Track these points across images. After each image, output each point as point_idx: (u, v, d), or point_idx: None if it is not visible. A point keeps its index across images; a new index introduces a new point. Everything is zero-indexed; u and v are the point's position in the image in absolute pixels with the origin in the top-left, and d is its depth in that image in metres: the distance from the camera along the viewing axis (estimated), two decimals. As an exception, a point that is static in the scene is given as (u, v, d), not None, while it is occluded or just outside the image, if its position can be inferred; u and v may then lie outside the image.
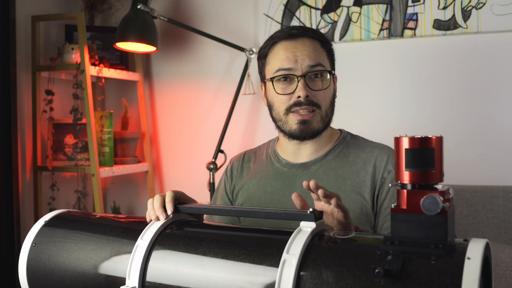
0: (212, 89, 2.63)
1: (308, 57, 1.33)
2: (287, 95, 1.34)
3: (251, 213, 1.03)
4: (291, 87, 1.34)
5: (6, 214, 2.23)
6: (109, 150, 2.44)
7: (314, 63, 1.33)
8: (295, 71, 1.33)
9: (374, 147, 1.38)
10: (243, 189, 1.45)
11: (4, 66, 2.23)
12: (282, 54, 1.35)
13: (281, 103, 1.36)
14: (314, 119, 1.34)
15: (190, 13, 2.64)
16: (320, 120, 1.35)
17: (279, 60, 1.35)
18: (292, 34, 1.36)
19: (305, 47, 1.34)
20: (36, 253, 1.08)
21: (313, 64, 1.33)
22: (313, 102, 1.33)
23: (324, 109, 1.35)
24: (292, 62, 1.33)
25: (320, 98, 1.34)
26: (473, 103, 2.21)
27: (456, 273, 0.73)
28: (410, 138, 0.80)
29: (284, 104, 1.35)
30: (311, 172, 1.37)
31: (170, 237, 0.99)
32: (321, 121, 1.35)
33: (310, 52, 1.34)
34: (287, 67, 1.34)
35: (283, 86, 1.35)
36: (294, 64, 1.33)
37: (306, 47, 1.35)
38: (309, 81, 1.33)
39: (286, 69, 1.34)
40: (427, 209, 0.77)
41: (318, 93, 1.34)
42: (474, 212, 1.99)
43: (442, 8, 2.23)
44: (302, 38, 1.36)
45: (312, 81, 1.34)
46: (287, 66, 1.34)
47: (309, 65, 1.33)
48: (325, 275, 0.81)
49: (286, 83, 1.35)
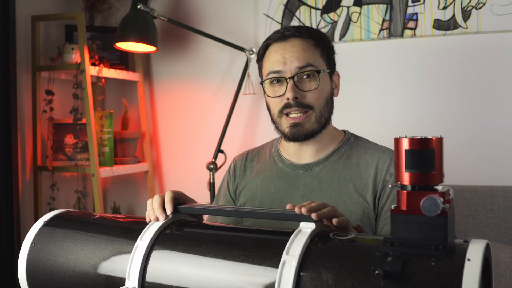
0: (212, 89, 2.63)
1: (296, 59, 1.32)
2: (278, 98, 1.34)
3: (251, 214, 1.03)
4: (281, 89, 1.34)
5: (6, 214, 2.23)
6: (109, 150, 2.44)
7: (303, 64, 1.32)
8: (284, 73, 1.33)
9: (377, 150, 1.38)
10: (246, 189, 1.45)
11: (4, 66, 2.23)
12: (273, 56, 1.35)
13: (274, 106, 1.36)
14: (307, 121, 1.33)
15: (190, 13, 2.64)
16: (315, 121, 1.34)
17: (270, 63, 1.36)
18: (284, 36, 1.36)
19: (294, 48, 1.34)
20: (35, 253, 1.08)
21: (302, 65, 1.32)
22: (303, 104, 1.32)
23: (318, 109, 1.34)
24: (281, 65, 1.33)
25: (311, 99, 1.32)
26: (473, 103, 2.21)
27: (456, 275, 0.73)
28: (410, 139, 0.80)
29: (276, 106, 1.35)
30: (314, 173, 1.37)
31: (170, 238, 0.99)
32: (315, 122, 1.34)
33: (299, 53, 1.33)
34: (276, 70, 1.34)
35: (274, 88, 1.35)
36: (283, 66, 1.33)
37: (295, 48, 1.34)
38: (299, 82, 1.32)
39: (276, 71, 1.34)
40: (427, 211, 0.77)
41: (308, 94, 1.32)
42: (474, 212, 1.99)
43: (442, 8, 2.22)
44: (292, 39, 1.35)
45: (302, 82, 1.33)
46: (276, 68, 1.34)
47: (298, 66, 1.32)
48: (325, 277, 0.80)
49: (277, 85, 1.35)
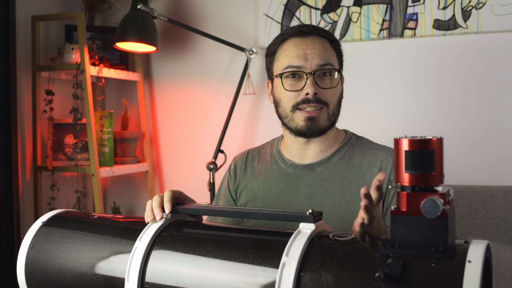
0: (212, 89, 2.63)
1: (318, 56, 1.33)
2: (295, 92, 1.34)
3: (251, 214, 1.03)
4: (299, 84, 1.33)
5: (6, 214, 2.23)
6: (109, 150, 2.44)
7: (324, 62, 1.33)
8: (305, 68, 1.33)
9: (380, 150, 1.37)
10: (247, 189, 1.44)
11: (4, 66, 2.23)
12: (292, 51, 1.35)
13: (288, 100, 1.35)
14: (321, 116, 1.33)
15: (190, 13, 2.64)
16: (327, 118, 1.34)
17: (289, 57, 1.35)
18: (303, 32, 1.36)
19: (315, 45, 1.34)
20: (34, 254, 1.08)
21: (323, 63, 1.33)
22: (321, 100, 1.32)
23: (332, 107, 1.35)
24: (302, 60, 1.33)
25: (328, 97, 1.33)
26: (473, 103, 2.21)
27: (457, 277, 0.72)
28: (410, 139, 0.79)
29: (291, 100, 1.34)
30: (317, 174, 1.36)
31: (169, 238, 0.99)
32: (327, 119, 1.34)
33: (320, 51, 1.34)
34: (296, 65, 1.33)
35: (292, 82, 1.35)
36: (304, 61, 1.33)
37: (316, 45, 1.34)
38: (318, 79, 1.33)
39: (295, 66, 1.34)
40: (427, 212, 0.76)
41: (327, 91, 1.33)
42: (474, 212, 1.98)
43: (442, 8, 2.22)
44: (312, 36, 1.36)
45: (320, 79, 1.33)
46: (296, 63, 1.33)
47: (319, 63, 1.33)
48: (325, 278, 0.80)
49: (294, 80, 1.34)
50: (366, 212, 0.98)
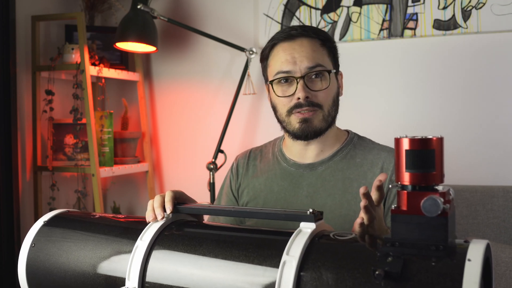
0: (212, 89, 2.63)
1: (306, 58, 1.32)
2: (287, 97, 1.34)
3: (252, 214, 1.03)
4: (291, 89, 1.34)
5: (6, 214, 2.23)
6: (109, 150, 2.44)
7: (313, 64, 1.32)
8: (294, 73, 1.33)
9: (381, 150, 1.38)
10: (249, 188, 1.45)
11: (4, 66, 2.23)
12: (281, 56, 1.35)
13: (282, 105, 1.36)
14: (316, 118, 1.33)
15: (190, 13, 2.64)
16: (322, 119, 1.34)
17: (278, 63, 1.35)
18: (291, 35, 1.36)
19: (303, 48, 1.34)
20: (35, 253, 1.08)
21: (312, 65, 1.32)
22: (313, 103, 1.32)
23: (326, 108, 1.34)
24: (290, 64, 1.33)
25: (321, 98, 1.33)
26: (473, 103, 2.21)
27: (457, 275, 0.73)
28: (411, 139, 0.80)
29: (285, 106, 1.35)
30: (318, 173, 1.37)
31: (170, 238, 0.99)
32: (323, 120, 1.34)
33: (309, 53, 1.33)
34: (285, 70, 1.33)
35: (283, 88, 1.35)
36: (293, 66, 1.33)
37: (304, 48, 1.34)
38: (309, 81, 1.33)
39: (285, 71, 1.34)
40: (427, 211, 0.76)
41: (319, 94, 1.33)
42: (474, 212, 1.99)
43: (442, 8, 2.22)
44: (300, 39, 1.35)
45: (312, 82, 1.33)
46: (286, 68, 1.33)
47: (308, 66, 1.32)
48: (325, 277, 0.80)
49: (286, 85, 1.35)
50: (366, 212, 0.98)
